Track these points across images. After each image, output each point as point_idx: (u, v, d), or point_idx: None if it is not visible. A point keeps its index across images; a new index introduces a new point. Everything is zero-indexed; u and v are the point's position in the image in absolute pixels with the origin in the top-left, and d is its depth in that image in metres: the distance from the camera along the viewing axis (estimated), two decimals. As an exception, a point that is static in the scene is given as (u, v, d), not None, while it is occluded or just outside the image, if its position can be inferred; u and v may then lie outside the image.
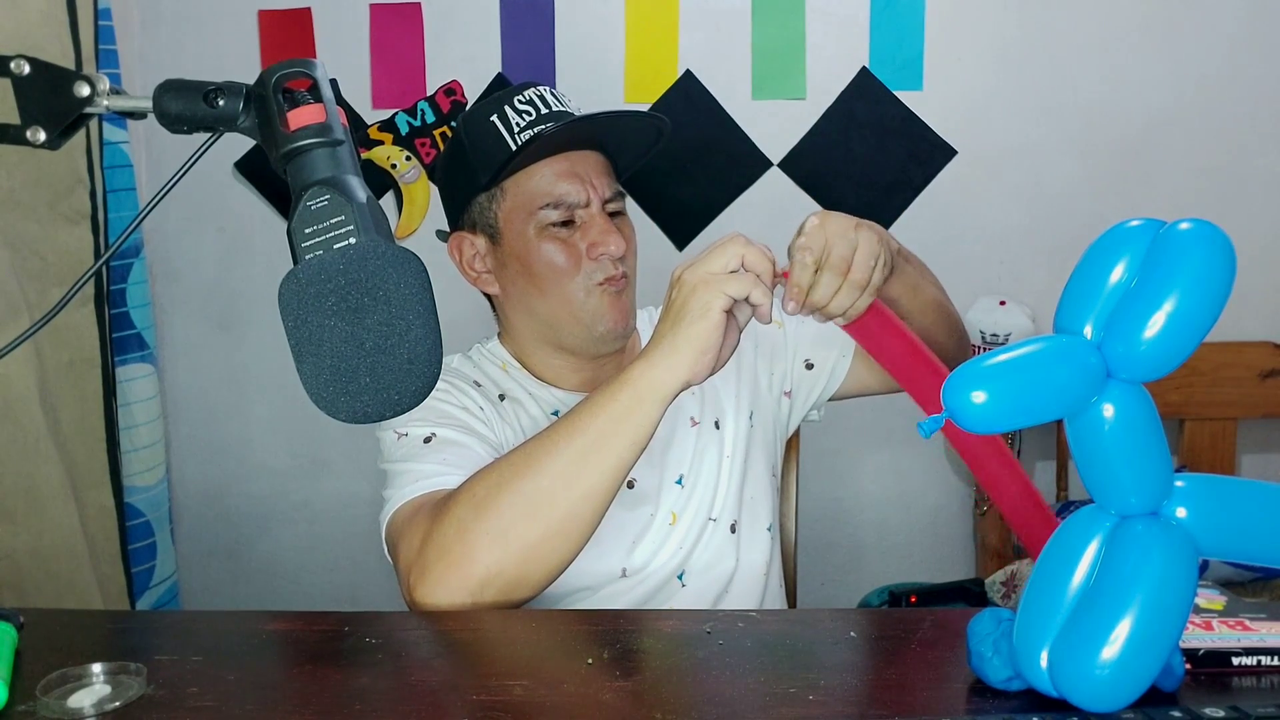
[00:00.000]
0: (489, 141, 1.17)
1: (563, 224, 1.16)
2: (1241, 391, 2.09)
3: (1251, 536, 0.75)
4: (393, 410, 0.69)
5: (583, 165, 1.17)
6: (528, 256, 1.17)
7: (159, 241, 2.25)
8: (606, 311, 1.17)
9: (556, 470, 0.96)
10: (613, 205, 1.19)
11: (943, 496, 2.28)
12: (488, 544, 0.94)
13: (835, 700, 0.77)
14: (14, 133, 0.75)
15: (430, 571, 0.96)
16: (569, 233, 1.16)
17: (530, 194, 1.17)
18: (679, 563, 1.19)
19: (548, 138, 1.13)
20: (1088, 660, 0.71)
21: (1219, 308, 0.71)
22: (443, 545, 0.96)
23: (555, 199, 1.16)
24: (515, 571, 0.95)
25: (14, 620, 0.86)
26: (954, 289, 2.19)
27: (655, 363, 0.96)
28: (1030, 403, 0.72)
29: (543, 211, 1.16)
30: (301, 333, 0.67)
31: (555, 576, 0.99)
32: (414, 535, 1.00)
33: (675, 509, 1.20)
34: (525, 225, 1.17)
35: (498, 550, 0.94)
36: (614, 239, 1.15)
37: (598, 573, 1.16)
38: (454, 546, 0.95)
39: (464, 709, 0.77)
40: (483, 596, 0.95)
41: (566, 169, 1.17)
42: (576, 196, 1.16)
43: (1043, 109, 2.15)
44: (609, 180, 1.20)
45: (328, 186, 0.68)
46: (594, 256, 1.16)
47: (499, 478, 0.97)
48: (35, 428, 1.49)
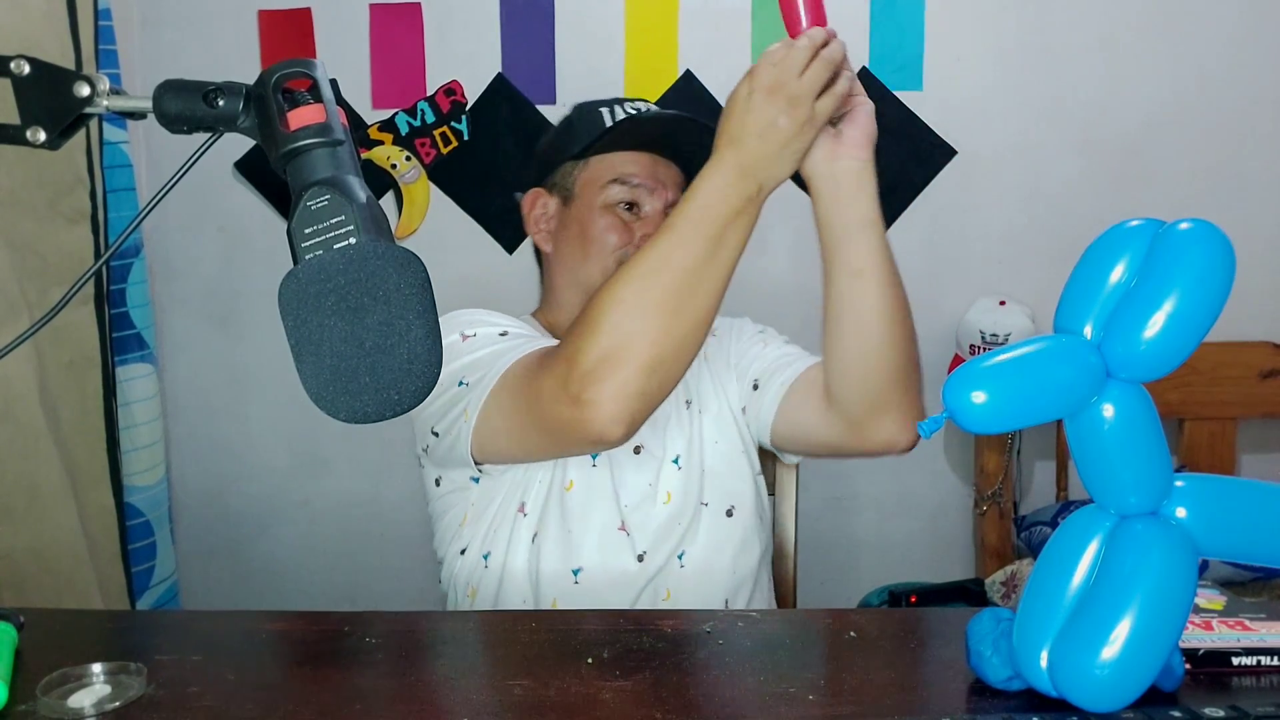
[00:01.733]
0: (592, 120, 1.30)
1: (627, 207, 1.27)
2: (1241, 391, 2.09)
3: (1251, 536, 0.75)
4: (392, 410, 0.68)
5: (663, 168, 1.29)
6: (587, 222, 1.28)
7: (159, 241, 2.25)
8: None
9: (691, 266, 1.01)
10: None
11: (943, 496, 2.28)
12: (648, 338, 1.00)
13: (835, 700, 0.77)
14: (14, 133, 0.75)
15: (597, 375, 0.99)
16: (630, 216, 1.27)
17: (608, 169, 1.28)
18: (675, 544, 1.23)
19: (640, 126, 1.26)
20: (1088, 660, 0.71)
21: (1219, 308, 0.71)
22: (605, 350, 1.00)
23: (625, 177, 1.26)
24: (672, 358, 1.01)
25: (14, 620, 0.86)
26: (954, 289, 2.21)
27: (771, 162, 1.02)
28: (1030, 403, 0.72)
29: (613, 186, 1.27)
30: (301, 332, 0.66)
31: (689, 365, 1.04)
32: (557, 361, 1.03)
33: (670, 488, 1.24)
34: (595, 195, 1.28)
35: (658, 343, 1.00)
36: None
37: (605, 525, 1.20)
38: (617, 349, 0.99)
39: (464, 709, 0.77)
40: (649, 386, 1.00)
41: (647, 162, 1.28)
42: (645, 183, 1.26)
43: (1043, 109, 2.15)
44: (679, 190, 1.27)
45: (328, 186, 0.68)
46: (641, 245, 1.19)
47: (641, 279, 1.01)
48: (35, 428, 1.49)
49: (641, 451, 1.25)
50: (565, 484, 1.21)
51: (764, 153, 1.02)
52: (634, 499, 1.23)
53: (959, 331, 2.15)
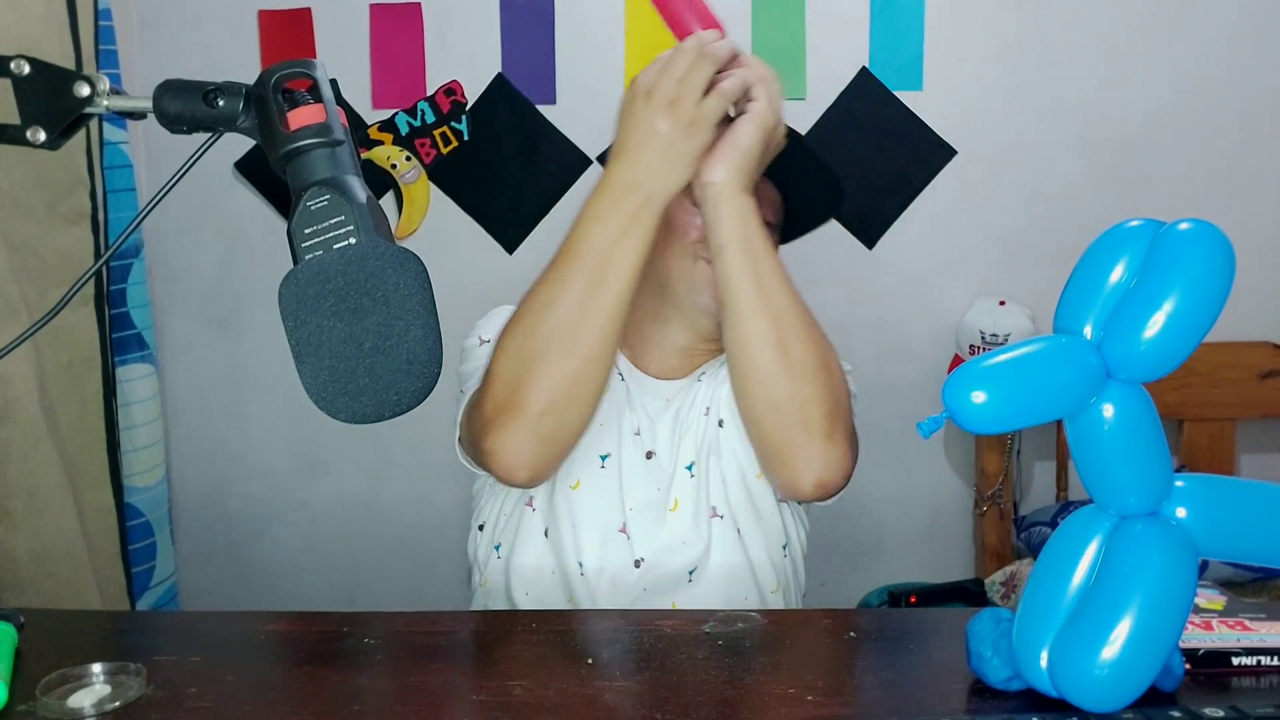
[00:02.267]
0: None
1: None
2: (1240, 392, 2.09)
3: (1251, 536, 0.75)
4: (392, 411, 0.68)
5: (761, 185, 1.19)
6: (673, 214, 1.18)
7: (159, 241, 2.25)
8: (704, 285, 1.16)
9: (574, 302, 1.00)
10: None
11: (943, 496, 2.28)
12: (533, 386, 1.01)
13: (835, 700, 0.77)
14: (14, 133, 0.75)
15: (492, 425, 1.03)
16: None
17: None
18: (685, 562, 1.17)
19: None
20: (1087, 660, 0.71)
21: (1218, 308, 0.71)
22: (496, 400, 1.02)
23: None
24: (565, 400, 1.02)
25: (14, 620, 0.86)
26: (954, 289, 2.21)
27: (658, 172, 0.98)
28: (1030, 403, 0.72)
29: None
30: (301, 333, 0.67)
31: (600, 394, 1.04)
32: (472, 407, 1.07)
33: (680, 495, 1.20)
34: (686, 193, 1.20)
35: (544, 388, 1.01)
36: None
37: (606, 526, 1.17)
38: (506, 399, 1.02)
39: (464, 709, 0.77)
40: (542, 428, 1.02)
41: None
42: None
43: (1043, 109, 2.15)
44: (773, 210, 1.21)
45: (327, 187, 0.68)
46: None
47: (525, 326, 1.02)
48: (35, 428, 1.49)
49: (653, 457, 1.20)
50: (572, 483, 1.19)
51: (648, 161, 0.98)
52: (639, 503, 1.18)
53: (959, 331, 2.15)
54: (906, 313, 2.22)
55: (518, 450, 1.02)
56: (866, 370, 2.14)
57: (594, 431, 1.16)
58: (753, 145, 1.00)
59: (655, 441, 1.19)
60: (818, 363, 1.03)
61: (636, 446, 1.20)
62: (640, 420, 1.21)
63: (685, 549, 1.17)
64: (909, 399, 2.16)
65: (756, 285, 1.02)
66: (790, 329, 1.03)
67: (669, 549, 1.17)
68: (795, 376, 1.02)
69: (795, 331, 1.03)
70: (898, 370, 2.21)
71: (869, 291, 2.22)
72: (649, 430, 1.20)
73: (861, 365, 1.46)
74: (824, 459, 1.03)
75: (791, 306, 1.03)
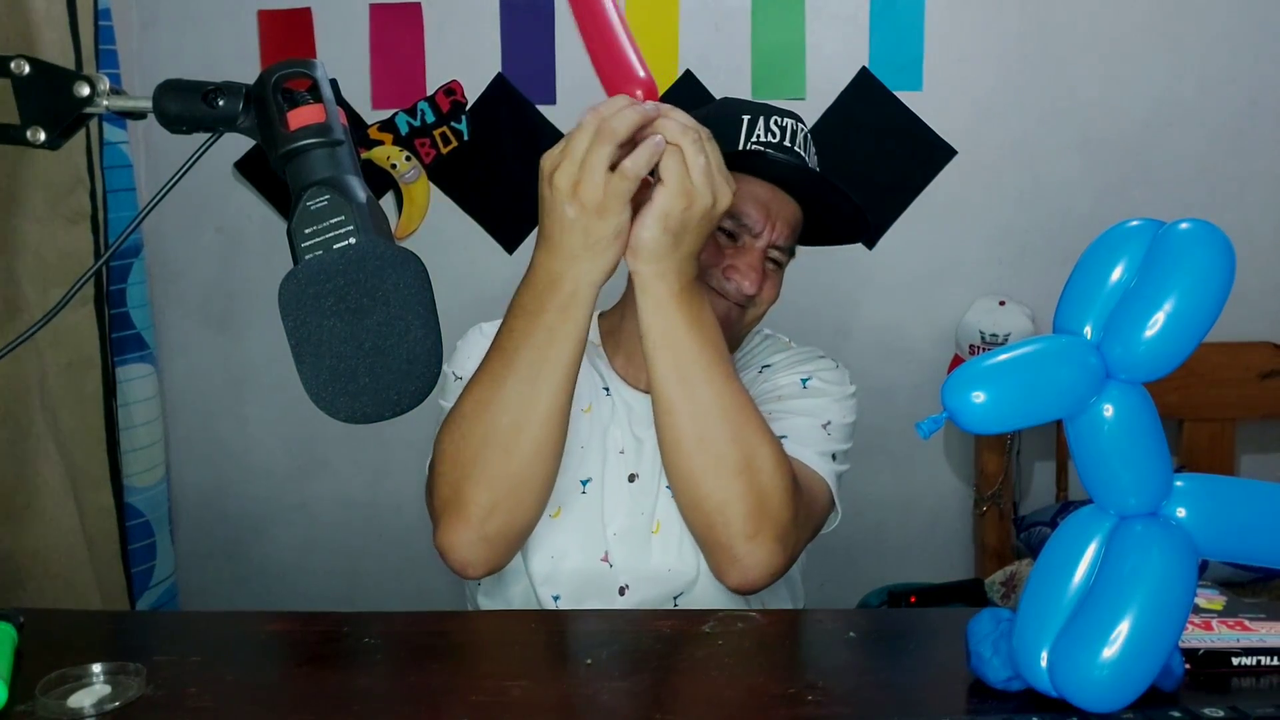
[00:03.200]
0: (728, 125, 1.16)
1: (728, 234, 1.15)
2: (1241, 392, 2.09)
3: (1251, 536, 0.75)
4: (392, 410, 0.68)
5: (778, 205, 1.16)
6: None
7: (159, 241, 2.25)
8: (710, 266, 1.14)
9: (510, 403, 0.97)
10: (776, 254, 1.18)
11: (943, 496, 2.28)
12: (474, 490, 0.99)
13: (835, 700, 0.77)
14: (14, 133, 0.75)
15: (440, 523, 1.02)
16: (727, 242, 1.16)
17: None
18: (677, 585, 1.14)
19: (764, 165, 1.14)
20: (1088, 660, 0.71)
21: (1218, 308, 0.71)
22: (442, 498, 1.01)
23: (736, 212, 1.14)
24: (510, 502, 1.00)
25: (14, 620, 0.86)
26: (954, 289, 2.21)
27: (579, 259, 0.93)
28: (1030, 403, 0.72)
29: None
30: (301, 333, 0.66)
31: (548, 488, 1.02)
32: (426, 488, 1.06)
33: (662, 517, 1.15)
34: None
35: (485, 490, 0.99)
36: (751, 279, 1.14)
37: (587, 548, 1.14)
38: (451, 499, 1.00)
39: (464, 709, 0.77)
40: (488, 529, 1.00)
41: (764, 197, 1.16)
42: (753, 223, 1.15)
43: (1043, 109, 2.15)
44: (790, 232, 1.18)
45: (327, 186, 0.68)
46: (727, 276, 1.15)
47: (462, 428, 0.99)
48: (35, 428, 1.49)
49: (636, 480, 1.16)
50: (553, 511, 1.14)
51: (567, 248, 0.92)
52: (622, 528, 1.14)
53: (959, 331, 2.15)
54: (906, 313, 2.22)
55: (466, 551, 1.00)
56: (866, 370, 2.15)
57: (575, 456, 1.13)
58: (657, 235, 0.93)
59: (640, 462, 1.16)
60: (739, 462, 0.98)
61: (620, 468, 1.16)
62: (626, 439, 1.17)
63: (671, 577, 1.13)
64: (909, 399, 2.17)
65: (676, 379, 0.99)
66: (711, 427, 0.98)
67: (654, 578, 1.13)
68: (716, 475, 0.98)
69: (717, 430, 0.98)
70: (898, 370, 2.21)
71: (869, 291, 2.22)
72: (634, 449, 1.16)
73: (861, 365, 1.46)
74: (745, 559, 0.99)
75: (714, 403, 0.98)
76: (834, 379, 1.21)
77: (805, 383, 1.19)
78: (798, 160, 1.17)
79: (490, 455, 0.98)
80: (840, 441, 1.17)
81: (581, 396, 1.16)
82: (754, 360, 1.26)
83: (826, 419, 1.16)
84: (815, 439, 1.14)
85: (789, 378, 1.20)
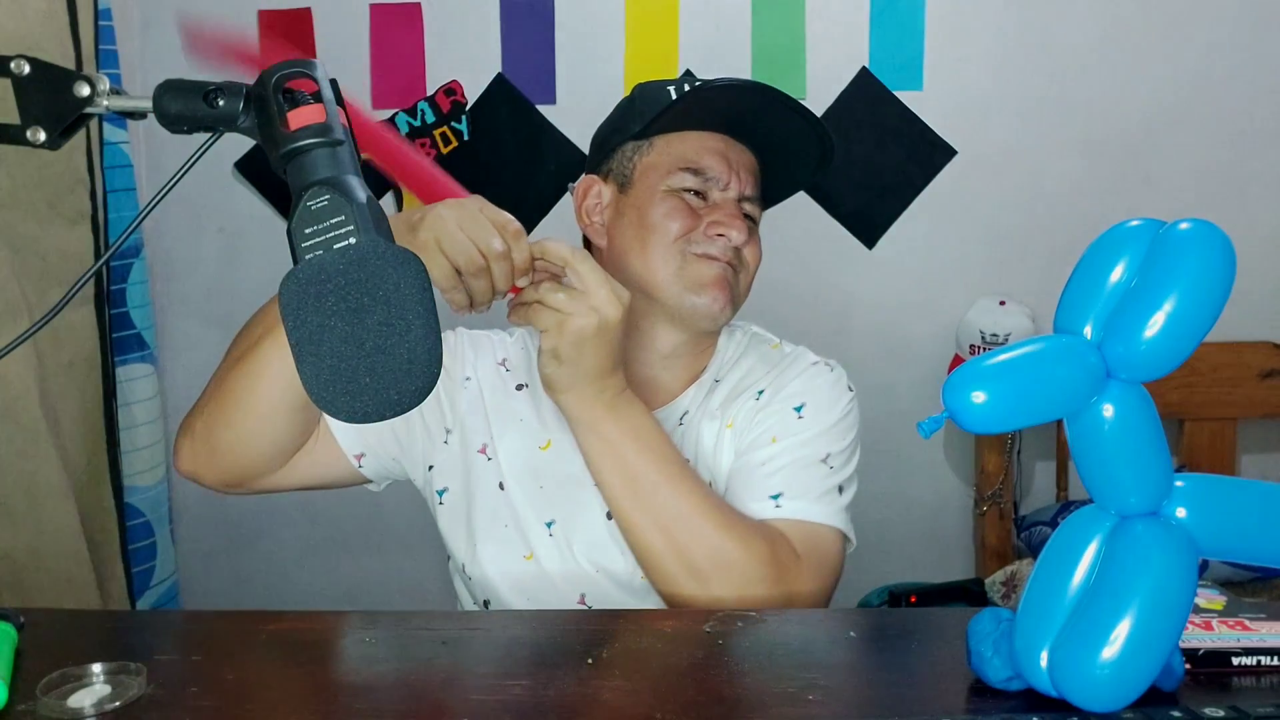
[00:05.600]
0: (655, 96, 1.15)
1: (695, 193, 1.13)
2: (1241, 391, 2.09)
3: (1251, 536, 0.75)
4: (393, 410, 0.68)
5: (736, 154, 1.15)
6: (647, 208, 1.13)
7: (159, 241, 2.25)
8: (704, 285, 1.11)
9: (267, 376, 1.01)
10: (749, 207, 1.16)
11: (943, 496, 2.28)
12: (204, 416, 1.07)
13: (835, 700, 0.77)
14: (14, 133, 0.75)
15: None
16: (698, 203, 1.13)
17: (676, 155, 1.14)
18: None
19: (711, 99, 1.11)
20: (1088, 660, 0.71)
21: (1219, 308, 0.71)
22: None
23: (697, 166, 1.13)
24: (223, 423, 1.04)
25: (14, 620, 0.86)
26: (954, 289, 2.21)
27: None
28: (1030, 403, 0.72)
29: (680, 173, 1.13)
30: (301, 333, 0.66)
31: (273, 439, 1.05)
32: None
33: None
34: (659, 181, 1.14)
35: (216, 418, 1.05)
36: (737, 226, 1.11)
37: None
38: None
39: (464, 709, 0.77)
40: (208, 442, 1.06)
41: (719, 148, 1.14)
42: (718, 173, 1.13)
43: (1043, 109, 2.15)
44: (753, 181, 1.16)
45: (328, 186, 0.68)
46: (710, 235, 1.11)
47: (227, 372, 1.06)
48: (35, 428, 1.49)
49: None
50: (525, 554, 1.11)
51: None
52: (604, 566, 1.10)
53: (959, 331, 2.15)
54: (906, 313, 2.22)
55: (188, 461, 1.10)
56: (867, 370, 2.14)
57: (534, 496, 1.11)
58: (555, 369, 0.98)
59: None
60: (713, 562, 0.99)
61: (598, 506, 1.09)
62: None
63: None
64: (909, 399, 2.17)
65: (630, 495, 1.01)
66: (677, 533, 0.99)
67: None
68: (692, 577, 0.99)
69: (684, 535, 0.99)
70: (898, 370, 2.21)
71: (869, 291, 2.22)
72: None
73: (861, 365, 1.45)
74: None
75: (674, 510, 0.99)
76: (828, 397, 1.14)
77: (799, 410, 1.13)
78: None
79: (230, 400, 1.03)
80: (843, 468, 1.12)
81: (534, 433, 1.13)
82: (749, 383, 1.17)
83: (825, 452, 1.11)
84: (816, 482, 1.09)
85: (781, 409, 1.13)
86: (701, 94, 1.12)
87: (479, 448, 1.14)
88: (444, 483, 1.16)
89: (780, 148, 1.17)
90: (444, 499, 1.15)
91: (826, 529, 1.08)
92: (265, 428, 1.04)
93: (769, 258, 1.18)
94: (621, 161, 1.18)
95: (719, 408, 1.15)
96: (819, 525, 1.07)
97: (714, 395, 1.16)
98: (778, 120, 1.13)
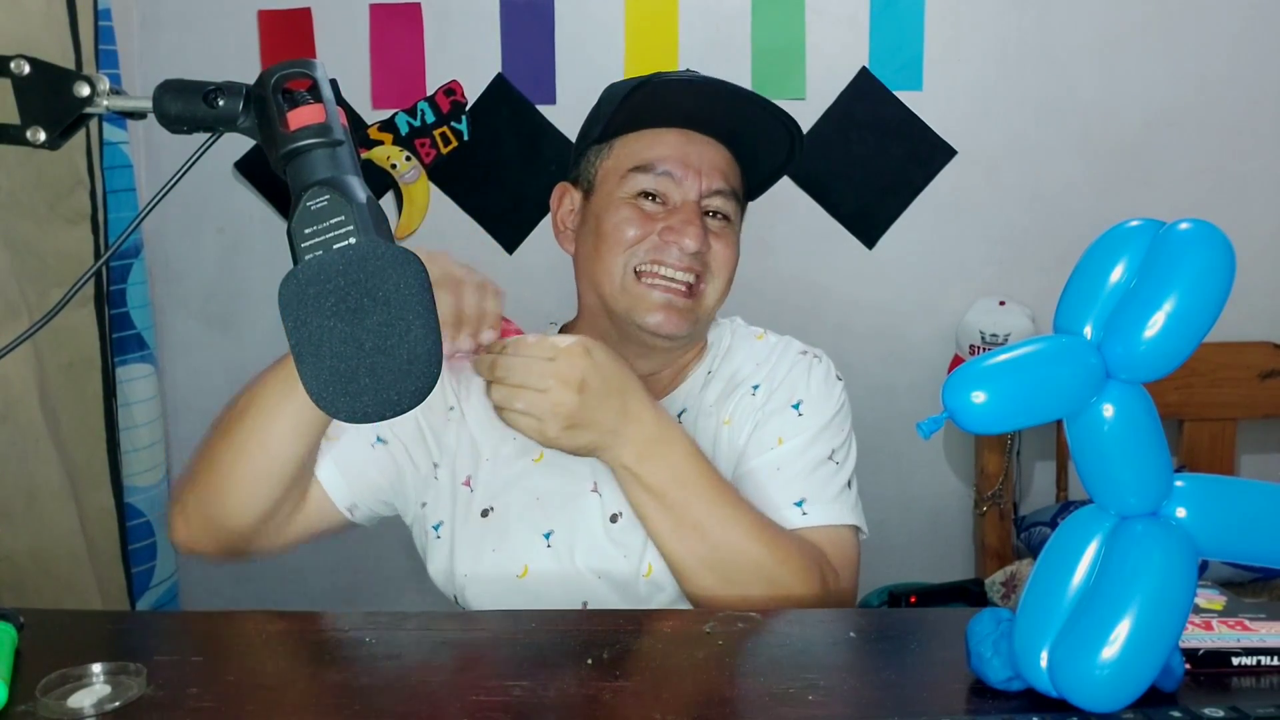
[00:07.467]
0: (616, 95, 1.10)
1: (652, 197, 1.08)
2: (1241, 392, 2.09)
3: (1251, 536, 0.75)
4: (393, 410, 0.68)
5: (698, 148, 1.09)
6: (603, 215, 1.09)
7: (159, 241, 2.25)
8: (645, 308, 1.07)
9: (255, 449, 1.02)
10: (716, 203, 1.10)
11: (943, 496, 2.28)
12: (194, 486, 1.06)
13: (835, 700, 0.77)
14: (14, 133, 0.75)
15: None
16: (655, 209, 1.08)
17: (630, 154, 1.10)
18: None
19: (661, 96, 1.07)
20: (1088, 660, 0.71)
21: (1218, 308, 0.71)
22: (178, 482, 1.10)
23: (649, 164, 1.08)
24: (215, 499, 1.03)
25: (14, 620, 0.86)
26: (954, 289, 2.21)
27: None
28: (1030, 403, 0.72)
29: (633, 174, 1.08)
30: (301, 333, 0.66)
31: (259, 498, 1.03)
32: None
33: (652, 559, 1.07)
34: (616, 186, 1.10)
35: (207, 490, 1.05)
36: (692, 231, 1.05)
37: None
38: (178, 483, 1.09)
39: (464, 709, 0.77)
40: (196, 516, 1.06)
41: (677, 144, 1.08)
42: (671, 168, 1.08)
43: (1043, 109, 2.15)
44: (721, 175, 1.10)
45: (327, 187, 0.68)
46: (665, 241, 1.07)
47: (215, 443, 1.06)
48: (35, 428, 1.49)
49: (619, 520, 1.08)
50: (519, 571, 1.09)
51: None
52: (608, 577, 1.08)
53: (959, 331, 2.15)
54: (906, 313, 2.22)
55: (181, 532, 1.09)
56: (867, 370, 2.15)
57: (530, 509, 1.09)
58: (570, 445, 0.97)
59: (621, 499, 1.04)
60: (764, 583, 0.99)
61: (598, 511, 1.08)
62: (598, 475, 1.09)
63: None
64: (909, 399, 2.17)
65: (675, 535, 0.99)
66: (725, 568, 0.99)
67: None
68: (744, 604, 0.98)
69: (733, 571, 0.99)
70: (898, 370, 2.21)
71: (869, 291, 2.22)
72: (611, 487, 1.06)
73: (862, 365, 1.47)
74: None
75: (721, 544, 0.98)
76: (822, 391, 1.13)
77: (798, 408, 1.12)
78: (694, 76, 1.10)
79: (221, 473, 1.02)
80: (846, 460, 1.13)
81: (526, 448, 1.11)
82: (742, 377, 1.16)
83: (830, 448, 1.11)
84: (829, 482, 1.10)
85: (782, 408, 1.12)
86: (654, 90, 1.07)
87: (463, 480, 1.13)
88: (438, 517, 1.14)
89: (749, 139, 1.13)
90: (440, 532, 1.14)
91: (847, 529, 1.10)
92: (257, 497, 1.03)
93: (769, 258, 1.19)
94: (586, 167, 1.15)
95: (714, 404, 1.15)
96: (840, 527, 1.10)
97: (708, 390, 1.16)
98: (738, 112, 1.10)
